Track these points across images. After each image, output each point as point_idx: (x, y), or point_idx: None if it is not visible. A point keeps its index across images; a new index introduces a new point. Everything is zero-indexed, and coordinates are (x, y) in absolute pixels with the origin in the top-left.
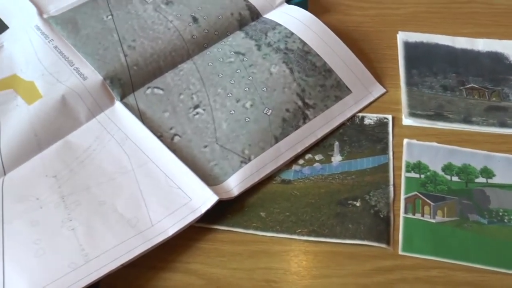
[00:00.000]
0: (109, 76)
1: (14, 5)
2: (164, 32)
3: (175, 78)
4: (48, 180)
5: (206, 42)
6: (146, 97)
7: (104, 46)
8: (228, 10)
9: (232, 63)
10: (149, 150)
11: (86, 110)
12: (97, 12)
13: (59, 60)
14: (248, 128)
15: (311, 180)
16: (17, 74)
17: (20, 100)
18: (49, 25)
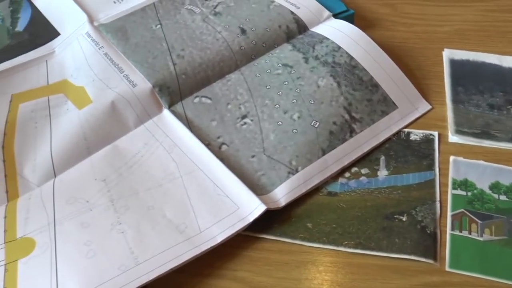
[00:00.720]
0: (158, 84)
1: (66, 12)
2: (213, 42)
3: (223, 88)
4: (98, 183)
5: (253, 54)
6: (194, 105)
7: (153, 55)
8: (275, 23)
9: (280, 75)
10: (197, 158)
11: (134, 116)
12: (145, 21)
13: (109, 66)
14: (296, 139)
15: (357, 193)
16: (68, 79)
17: (70, 104)
18: (100, 32)
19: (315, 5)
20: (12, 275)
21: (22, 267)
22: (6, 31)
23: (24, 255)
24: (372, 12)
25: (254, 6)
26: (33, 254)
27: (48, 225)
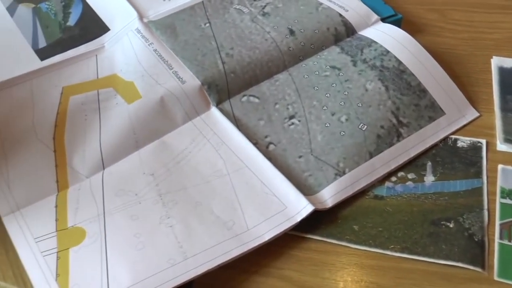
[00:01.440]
0: (207, 81)
1: (116, 9)
2: (262, 42)
3: (271, 88)
4: (146, 177)
5: (302, 55)
6: (242, 104)
7: (203, 52)
8: (324, 25)
9: (328, 77)
10: (244, 156)
11: (183, 112)
12: (194, 19)
13: (158, 63)
14: (343, 141)
15: (403, 197)
16: (117, 74)
17: (119, 98)
18: (149, 29)
19: (363, 9)
20: (64, 262)
21: (73, 255)
22: (58, 25)
23: (75, 243)
24: (420, 17)
25: (302, 7)
26: (83, 243)
27: (98, 216)
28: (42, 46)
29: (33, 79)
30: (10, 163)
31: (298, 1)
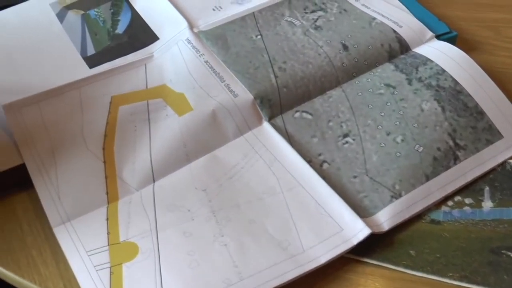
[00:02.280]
0: (259, 95)
1: (166, 17)
2: (315, 57)
3: (324, 104)
4: (198, 192)
5: (355, 71)
6: (295, 120)
7: (255, 66)
8: (378, 41)
9: (382, 95)
10: (298, 174)
11: (234, 127)
12: (245, 30)
13: (210, 75)
14: (399, 163)
15: (461, 223)
16: (167, 84)
17: (170, 110)
18: (200, 39)
19: (418, 25)
20: (117, 278)
21: (126, 271)
22: (107, 32)
23: (128, 259)
24: (474, 34)
25: (355, 22)
26: (136, 259)
27: (151, 231)
28: (91, 53)
29: (82, 87)
30: (60, 172)
31: (351, 15)
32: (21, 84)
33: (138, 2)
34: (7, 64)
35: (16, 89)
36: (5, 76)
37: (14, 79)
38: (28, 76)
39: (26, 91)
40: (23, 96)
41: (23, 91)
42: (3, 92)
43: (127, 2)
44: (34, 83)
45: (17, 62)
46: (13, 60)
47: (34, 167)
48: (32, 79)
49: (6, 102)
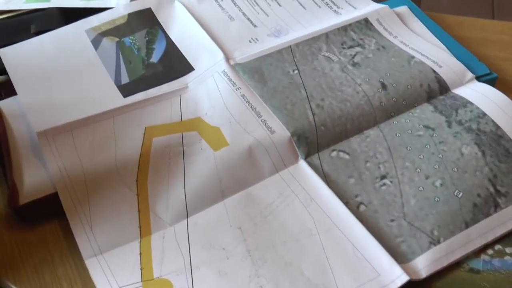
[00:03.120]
0: (296, 133)
1: (202, 48)
2: (353, 95)
3: (362, 144)
4: (233, 231)
5: (393, 111)
6: (331, 159)
7: (292, 102)
8: (417, 81)
9: (421, 137)
10: (335, 215)
11: (270, 164)
12: (282, 64)
13: (246, 109)
14: (438, 208)
15: (502, 273)
16: (202, 117)
17: (204, 144)
18: (236, 72)
19: (458, 65)
20: None
21: None
22: (141, 61)
23: None
24: None
25: (393, 60)
26: None
27: (185, 269)
28: (125, 82)
29: (115, 117)
30: (93, 203)
31: (389, 52)
32: (55, 110)
33: (173, 30)
34: (42, 88)
35: (49, 115)
36: (40, 101)
37: (48, 104)
38: (62, 102)
39: (60, 117)
40: (56, 123)
41: (57, 117)
42: (37, 117)
43: (162, 31)
44: (68, 110)
45: (52, 87)
46: (48, 85)
47: (67, 196)
48: (66, 106)
49: (40, 130)
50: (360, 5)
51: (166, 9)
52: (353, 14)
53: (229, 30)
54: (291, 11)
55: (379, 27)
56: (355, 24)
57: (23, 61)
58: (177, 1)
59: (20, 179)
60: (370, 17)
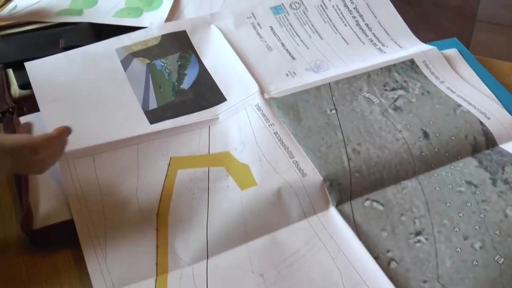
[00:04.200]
0: (329, 178)
1: (236, 78)
2: (392, 142)
3: (398, 195)
4: (255, 277)
5: (434, 162)
6: (364, 209)
7: (327, 144)
8: (462, 131)
9: (462, 193)
10: (363, 270)
11: (299, 209)
12: (320, 102)
13: (278, 148)
14: (476, 273)
15: None
16: (231, 152)
17: (231, 181)
18: (270, 107)
19: (508, 118)
20: None
21: None
22: (172, 86)
23: None
24: None
25: (438, 107)
26: None
27: None
28: (153, 107)
29: (140, 144)
30: (109, 234)
31: (434, 98)
32: (77, 131)
33: (207, 56)
34: (66, 107)
35: (72, 136)
36: (63, 120)
37: (71, 124)
38: (86, 124)
39: (82, 140)
40: (78, 146)
41: (79, 139)
42: None
43: (196, 56)
44: (91, 132)
45: (76, 106)
46: (73, 104)
47: (83, 225)
48: (89, 127)
49: None
50: (406, 44)
51: (202, 33)
52: (398, 53)
53: (266, 61)
54: (333, 45)
55: (426, 70)
56: (399, 65)
57: (49, 77)
58: (213, 25)
59: (36, 202)
60: (416, 58)
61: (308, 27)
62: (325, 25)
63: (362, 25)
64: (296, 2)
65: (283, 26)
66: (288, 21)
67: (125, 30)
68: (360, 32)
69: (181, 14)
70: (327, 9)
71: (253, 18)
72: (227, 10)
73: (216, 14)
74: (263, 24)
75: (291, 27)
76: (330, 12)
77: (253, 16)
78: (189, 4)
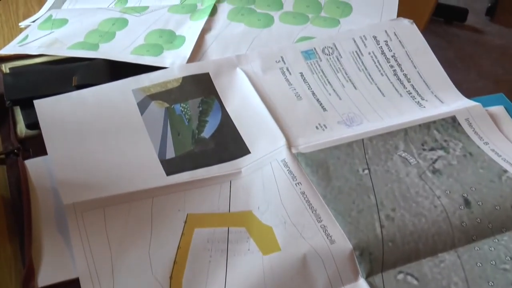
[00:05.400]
0: (360, 246)
1: (261, 129)
2: (430, 209)
3: (434, 269)
4: None
5: (476, 234)
6: (397, 283)
7: (359, 208)
8: (508, 201)
9: (507, 271)
10: None
11: (325, 278)
12: (351, 160)
13: (305, 210)
14: None
15: None
16: (253, 212)
17: (253, 244)
18: (298, 163)
19: None
20: None
21: None
22: (191, 134)
23: None
24: None
25: (481, 171)
26: None
27: None
28: (170, 156)
29: (155, 197)
30: None
31: (477, 162)
32: (88, 179)
33: (231, 103)
34: (76, 151)
35: (81, 185)
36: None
37: (81, 171)
38: (97, 172)
39: (93, 190)
40: (88, 197)
41: (89, 189)
42: (67, 186)
43: (218, 101)
44: (103, 182)
45: (88, 152)
46: (84, 148)
47: (88, 285)
48: (100, 176)
49: (68, 202)
50: (448, 99)
51: (226, 76)
52: (439, 109)
53: (295, 111)
54: (367, 96)
55: (468, 129)
56: (440, 122)
57: (59, 117)
58: (239, 68)
59: (39, 257)
60: (458, 115)
61: (341, 75)
62: (360, 73)
63: (400, 75)
64: (329, 47)
65: (314, 73)
66: (320, 67)
67: (144, 69)
68: (397, 83)
69: (205, 54)
70: (362, 56)
71: (282, 62)
72: (254, 52)
73: (243, 56)
74: (292, 70)
75: (323, 74)
76: (366, 59)
77: (282, 60)
78: (213, 44)
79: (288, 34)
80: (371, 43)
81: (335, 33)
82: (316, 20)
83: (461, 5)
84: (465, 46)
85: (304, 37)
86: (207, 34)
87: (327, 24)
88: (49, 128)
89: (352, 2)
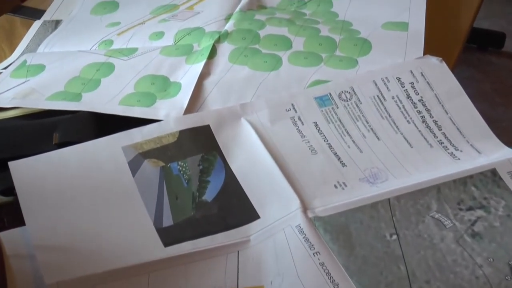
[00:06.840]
0: None
1: (272, 189)
2: (470, 281)
3: None
4: None
5: None
6: None
7: (387, 280)
8: None
9: None
10: None
11: None
12: (377, 224)
13: (325, 284)
14: None
15: None
16: (266, 287)
17: None
18: (315, 229)
19: None
20: None
21: None
22: (191, 197)
23: None
24: None
25: None
26: None
27: None
28: (168, 224)
29: (152, 273)
30: None
31: None
32: (73, 254)
33: (236, 160)
34: (59, 221)
35: (66, 261)
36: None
37: (65, 244)
38: (83, 245)
39: (79, 266)
40: (74, 275)
41: (75, 265)
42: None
43: (221, 158)
44: (90, 256)
45: (72, 221)
46: (67, 217)
47: None
48: (87, 250)
49: (51, 281)
50: (486, 149)
51: (229, 129)
52: (476, 161)
53: (310, 167)
54: (393, 148)
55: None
56: (478, 177)
57: (38, 181)
58: (243, 118)
59: None
60: (499, 168)
61: (361, 123)
62: (383, 121)
63: (429, 122)
64: (347, 92)
65: (330, 122)
66: (337, 115)
67: (134, 122)
68: (427, 131)
69: (204, 104)
70: (385, 101)
71: (293, 111)
72: (261, 100)
73: (248, 105)
74: (305, 119)
75: (340, 124)
76: (389, 105)
77: (293, 109)
78: (213, 91)
79: (299, 78)
80: (394, 85)
81: (352, 75)
82: (330, 61)
83: (497, 28)
84: (503, 76)
85: (318, 80)
86: (206, 79)
87: (343, 65)
88: (27, 194)
89: (372, 39)
